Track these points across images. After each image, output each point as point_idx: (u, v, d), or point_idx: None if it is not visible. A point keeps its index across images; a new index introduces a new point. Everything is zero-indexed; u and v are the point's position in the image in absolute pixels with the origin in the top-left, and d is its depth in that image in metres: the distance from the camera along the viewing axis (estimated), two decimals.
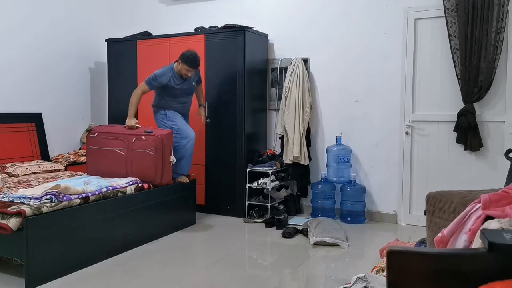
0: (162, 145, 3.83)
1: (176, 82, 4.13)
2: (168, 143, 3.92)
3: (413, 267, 1.09)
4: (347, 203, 4.50)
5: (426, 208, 2.40)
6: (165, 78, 4.09)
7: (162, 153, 3.84)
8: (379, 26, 4.47)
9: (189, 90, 4.29)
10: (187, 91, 4.28)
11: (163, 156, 3.85)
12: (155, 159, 3.81)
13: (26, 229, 2.77)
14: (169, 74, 4.10)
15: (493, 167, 4.04)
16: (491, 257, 1.03)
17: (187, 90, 4.27)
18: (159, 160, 3.83)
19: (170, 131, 4.02)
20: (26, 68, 4.98)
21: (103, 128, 4.15)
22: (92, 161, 4.05)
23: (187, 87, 4.24)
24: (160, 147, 3.82)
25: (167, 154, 3.92)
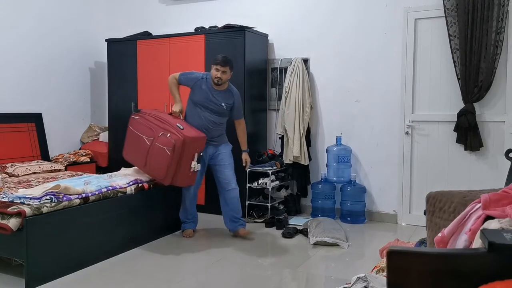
0: (182, 147, 3.47)
1: (204, 86, 3.74)
2: (192, 147, 3.55)
3: (413, 267, 1.09)
4: (347, 203, 4.50)
5: (426, 208, 2.40)
6: (194, 76, 3.79)
7: (180, 156, 3.49)
8: (379, 26, 4.47)
9: (216, 107, 3.76)
10: (214, 107, 3.76)
11: (180, 160, 3.50)
12: (169, 160, 3.48)
13: (26, 229, 2.77)
14: (200, 75, 3.79)
15: (493, 167, 4.04)
16: (491, 257, 1.03)
17: (214, 105, 3.75)
18: (173, 162, 3.49)
19: (203, 136, 3.65)
20: (26, 68, 4.98)
21: (148, 112, 3.86)
22: (127, 142, 3.85)
23: (215, 103, 3.75)
24: (180, 149, 3.46)
25: (187, 158, 3.56)
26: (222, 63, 3.62)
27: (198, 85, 3.73)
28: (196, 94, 3.74)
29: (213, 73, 3.66)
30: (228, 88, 3.81)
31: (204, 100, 3.72)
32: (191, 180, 3.69)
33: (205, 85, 3.72)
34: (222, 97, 3.75)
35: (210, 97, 3.72)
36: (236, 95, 3.85)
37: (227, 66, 3.65)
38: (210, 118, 3.74)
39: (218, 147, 3.84)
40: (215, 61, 3.66)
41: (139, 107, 5.26)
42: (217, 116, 3.76)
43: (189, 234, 3.95)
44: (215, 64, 3.65)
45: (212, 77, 3.68)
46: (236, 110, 3.87)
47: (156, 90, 5.12)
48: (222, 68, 3.63)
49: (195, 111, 3.74)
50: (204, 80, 3.74)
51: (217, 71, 3.63)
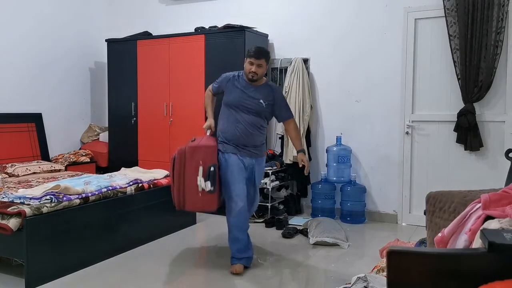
0: (180, 159, 3.03)
1: (237, 84, 3.21)
2: (193, 159, 3.00)
3: (413, 267, 1.09)
4: (347, 203, 4.50)
5: (426, 208, 2.40)
6: (225, 77, 3.28)
7: (180, 170, 3.03)
8: (379, 26, 4.47)
9: (253, 105, 3.15)
10: (250, 105, 3.15)
11: (181, 175, 3.03)
12: (171, 176, 3.09)
13: (26, 229, 2.77)
14: (231, 74, 3.27)
15: (493, 167, 4.04)
16: (491, 257, 1.03)
17: (251, 103, 3.15)
18: (176, 180, 3.05)
19: (210, 145, 3.10)
20: (26, 68, 4.98)
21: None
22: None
23: (252, 99, 3.15)
24: (179, 162, 3.02)
25: (189, 173, 3.00)
26: (256, 56, 3.08)
27: (231, 84, 3.22)
28: (229, 95, 3.20)
29: (246, 67, 3.12)
30: (266, 83, 3.26)
31: (238, 99, 3.15)
32: (204, 203, 3.02)
33: (239, 82, 3.19)
34: (259, 93, 3.17)
35: (245, 94, 3.15)
36: (276, 90, 3.27)
37: (262, 58, 3.10)
38: (248, 119, 3.12)
39: (256, 159, 3.21)
40: (249, 53, 3.13)
41: (139, 107, 5.27)
42: (256, 116, 3.14)
43: (237, 270, 3.07)
44: (249, 57, 3.11)
45: (245, 72, 3.15)
46: (280, 108, 3.24)
47: (156, 90, 5.12)
48: (256, 61, 3.07)
49: (230, 115, 3.17)
50: (237, 77, 3.22)
51: (251, 64, 3.09)
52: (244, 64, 3.14)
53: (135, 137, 5.30)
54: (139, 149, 5.28)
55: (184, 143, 3.21)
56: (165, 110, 5.08)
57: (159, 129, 5.13)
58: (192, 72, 4.89)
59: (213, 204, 3.01)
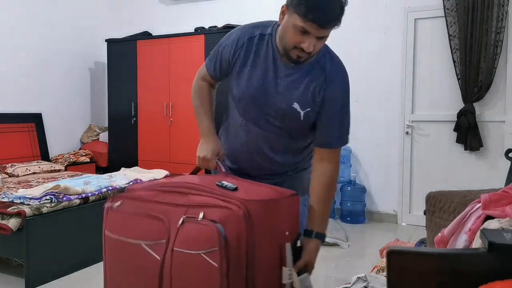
0: (248, 232, 1.23)
1: (261, 58, 1.54)
2: (268, 225, 1.30)
3: (413, 267, 1.09)
4: (347, 203, 4.50)
5: (426, 208, 2.40)
6: (237, 36, 1.57)
7: (242, 258, 1.24)
8: (379, 26, 4.47)
9: (279, 114, 1.55)
10: (275, 111, 1.55)
11: (242, 270, 1.24)
12: (219, 278, 1.20)
13: (26, 229, 2.77)
14: (249, 30, 1.57)
15: (493, 167, 4.04)
16: (491, 257, 1.03)
17: (276, 108, 1.54)
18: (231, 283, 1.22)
19: (288, 194, 1.38)
20: (26, 69, 4.98)
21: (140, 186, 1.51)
22: (108, 267, 1.47)
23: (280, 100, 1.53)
24: (243, 239, 1.23)
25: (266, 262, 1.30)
26: (323, 21, 1.39)
27: (247, 55, 1.55)
28: (241, 79, 1.57)
29: (291, 36, 1.42)
30: (318, 60, 1.56)
31: (256, 92, 1.54)
32: None
33: (265, 55, 1.53)
34: (296, 82, 1.52)
35: (272, 85, 1.53)
36: (334, 76, 1.62)
37: (332, 26, 1.46)
38: (264, 142, 1.59)
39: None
40: (308, 10, 1.36)
41: (139, 107, 5.26)
42: (283, 137, 1.59)
43: None
44: (303, 17, 1.36)
45: (285, 43, 1.45)
46: (327, 119, 1.59)
47: (156, 90, 5.12)
48: (320, 31, 1.41)
49: (236, 119, 1.65)
50: (262, 42, 1.54)
51: (304, 34, 1.39)
52: (284, 23, 1.43)
53: (135, 137, 5.30)
54: (139, 149, 5.28)
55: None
56: (165, 110, 5.08)
57: (159, 129, 5.12)
58: (192, 72, 4.84)
59: None
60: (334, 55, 1.65)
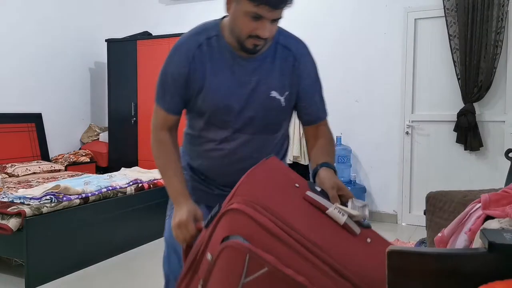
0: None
1: (216, 62, 1.38)
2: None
3: (413, 267, 1.09)
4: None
5: (426, 208, 2.40)
6: (183, 50, 1.40)
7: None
8: (379, 26, 4.47)
9: (259, 110, 1.42)
10: (254, 110, 1.41)
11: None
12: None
13: (26, 229, 2.77)
14: (193, 42, 1.39)
15: (493, 167, 4.04)
16: (491, 257, 1.02)
17: (255, 105, 1.41)
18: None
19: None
20: (26, 68, 4.98)
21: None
22: None
23: (252, 93, 1.40)
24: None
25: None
26: (277, 1, 1.23)
27: (203, 66, 1.38)
28: (207, 93, 1.40)
29: (243, 24, 1.27)
30: (276, 42, 1.43)
31: (228, 99, 1.39)
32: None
33: (221, 57, 1.38)
34: (267, 71, 1.41)
35: (242, 85, 1.39)
36: (301, 51, 1.52)
37: (286, 4, 1.26)
38: (250, 147, 1.44)
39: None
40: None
41: (139, 107, 5.26)
42: (266, 134, 1.47)
43: None
44: (260, 2, 1.21)
45: (238, 33, 1.30)
46: (313, 96, 1.54)
47: None
48: (273, 12, 1.24)
49: (209, 136, 1.48)
50: (214, 47, 1.39)
51: (258, 19, 1.25)
52: (232, 13, 1.29)
53: (135, 137, 5.30)
54: (139, 149, 5.28)
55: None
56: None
57: None
58: None
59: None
60: (288, 33, 1.53)
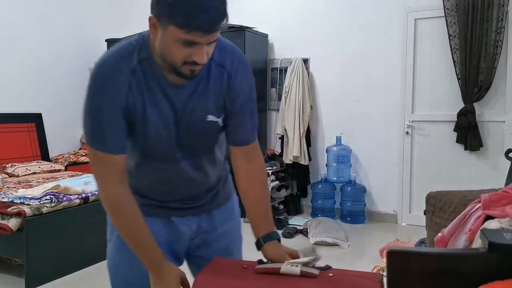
0: None
1: (154, 97, 1.19)
2: None
3: (413, 267, 1.09)
4: (347, 203, 4.50)
5: (426, 208, 2.40)
6: (114, 93, 1.16)
7: None
8: (379, 26, 4.47)
9: (195, 136, 1.27)
10: (189, 139, 1.26)
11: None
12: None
13: (26, 229, 2.77)
14: (125, 75, 1.16)
15: (493, 167, 4.04)
16: (491, 257, 1.03)
17: (190, 133, 1.25)
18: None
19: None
20: (26, 68, 4.98)
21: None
22: None
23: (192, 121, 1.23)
24: None
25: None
26: (209, 25, 1.06)
27: (140, 95, 1.17)
28: (147, 127, 1.20)
29: (177, 53, 1.08)
30: (210, 60, 1.19)
31: (169, 130, 1.23)
32: None
33: (156, 84, 1.18)
34: (202, 94, 1.23)
35: (180, 113, 1.22)
36: (235, 69, 1.25)
37: (221, 24, 1.13)
38: (190, 174, 1.31)
39: (211, 214, 1.43)
40: (187, 18, 1.03)
41: None
42: (208, 154, 1.34)
43: None
44: (192, 29, 1.03)
45: (172, 61, 1.11)
46: (242, 116, 1.30)
47: None
48: (208, 36, 1.08)
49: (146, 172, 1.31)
50: (148, 72, 1.18)
51: (193, 46, 1.07)
52: (160, 39, 1.10)
53: None
54: None
55: None
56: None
57: None
58: None
59: None
60: (223, 43, 1.26)
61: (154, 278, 1.19)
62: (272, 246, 1.30)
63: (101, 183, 1.20)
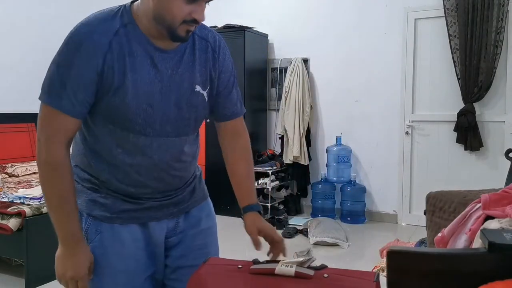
0: None
1: (137, 62, 1.12)
2: None
3: (413, 267, 1.09)
4: (347, 203, 4.50)
5: (426, 208, 2.40)
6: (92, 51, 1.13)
7: None
8: (379, 26, 4.47)
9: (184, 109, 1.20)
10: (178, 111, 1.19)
11: None
12: None
13: (26, 229, 2.77)
14: (106, 36, 1.13)
15: (493, 167, 4.04)
16: (491, 257, 1.03)
17: (180, 104, 1.19)
18: None
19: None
20: (26, 68, 4.98)
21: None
22: None
23: (180, 90, 1.18)
24: None
25: None
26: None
27: (120, 59, 1.11)
28: (126, 93, 1.11)
29: (178, 10, 1.08)
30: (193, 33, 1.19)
31: (152, 98, 1.14)
32: None
33: (139, 49, 1.13)
34: (189, 63, 1.20)
35: (166, 80, 1.15)
36: (218, 43, 1.28)
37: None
38: (174, 152, 1.22)
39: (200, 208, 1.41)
40: None
41: None
42: (190, 134, 1.26)
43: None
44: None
45: (171, 21, 1.08)
46: (231, 91, 1.31)
47: None
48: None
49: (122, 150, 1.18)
50: (131, 36, 1.13)
51: (194, 2, 1.11)
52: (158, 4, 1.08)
53: None
54: None
55: None
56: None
57: None
58: None
59: None
60: (202, 23, 1.24)
61: (66, 253, 1.14)
62: (251, 217, 1.36)
63: (45, 143, 1.16)
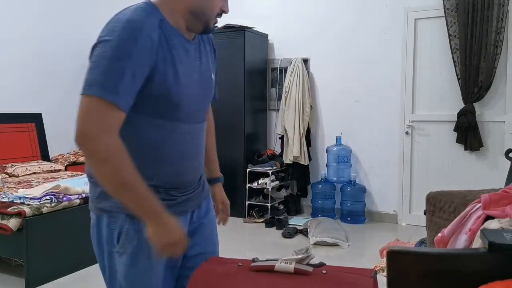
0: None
1: (179, 53, 1.21)
2: None
3: (413, 267, 1.09)
4: (347, 203, 4.50)
5: (426, 208, 2.40)
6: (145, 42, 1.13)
7: None
8: (379, 26, 4.47)
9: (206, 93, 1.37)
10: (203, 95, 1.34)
11: None
12: None
13: (26, 229, 2.77)
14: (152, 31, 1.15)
15: (493, 167, 4.04)
16: (491, 257, 1.03)
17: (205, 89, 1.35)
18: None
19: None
20: (26, 68, 4.98)
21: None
22: None
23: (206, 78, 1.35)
24: None
25: None
26: None
27: (165, 52, 1.17)
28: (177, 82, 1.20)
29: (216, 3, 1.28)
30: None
31: (195, 86, 1.28)
32: None
33: (175, 42, 1.21)
34: (205, 53, 1.38)
35: (199, 69, 1.31)
36: (211, 35, 1.47)
37: None
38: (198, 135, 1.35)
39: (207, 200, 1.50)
40: None
41: None
42: (205, 120, 1.40)
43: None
44: None
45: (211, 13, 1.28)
46: (216, 77, 1.50)
47: None
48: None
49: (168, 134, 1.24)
50: (168, 31, 1.20)
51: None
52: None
53: None
54: None
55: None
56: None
57: None
58: None
59: None
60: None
61: (157, 227, 1.15)
62: (218, 187, 1.63)
63: (100, 134, 1.07)
